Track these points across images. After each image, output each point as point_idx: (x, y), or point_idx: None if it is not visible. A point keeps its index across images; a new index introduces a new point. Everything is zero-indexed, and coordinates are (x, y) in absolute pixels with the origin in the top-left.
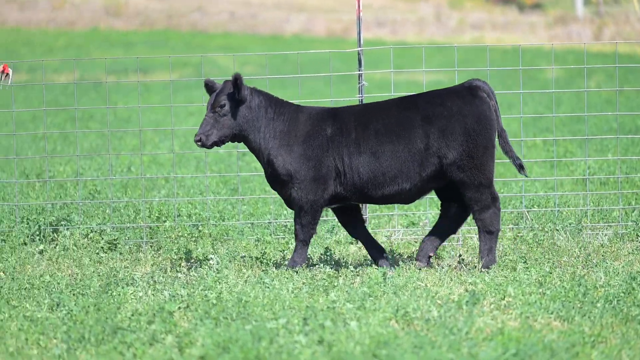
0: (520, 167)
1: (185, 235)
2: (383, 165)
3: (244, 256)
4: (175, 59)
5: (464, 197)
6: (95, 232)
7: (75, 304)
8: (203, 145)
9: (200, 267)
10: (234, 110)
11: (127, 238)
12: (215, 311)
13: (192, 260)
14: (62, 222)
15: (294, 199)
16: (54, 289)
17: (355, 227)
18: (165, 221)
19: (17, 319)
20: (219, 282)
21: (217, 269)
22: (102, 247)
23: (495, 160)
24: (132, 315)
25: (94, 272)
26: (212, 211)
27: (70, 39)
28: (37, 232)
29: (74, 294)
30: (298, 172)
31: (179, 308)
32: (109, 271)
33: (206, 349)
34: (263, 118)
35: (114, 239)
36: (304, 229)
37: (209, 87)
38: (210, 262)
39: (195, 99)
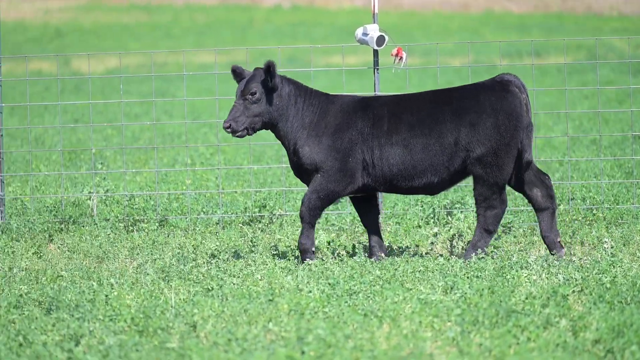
0: (527, 164)
1: (580, 218)
2: (414, 158)
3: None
4: (569, 42)
5: (475, 192)
6: None
7: (469, 287)
8: (233, 132)
9: (594, 250)
10: (264, 98)
11: (521, 221)
12: (609, 295)
13: (586, 244)
14: (457, 205)
15: (314, 182)
16: (448, 272)
17: (369, 216)
18: (559, 205)
19: (411, 301)
20: (614, 266)
21: (611, 253)
22: None
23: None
24: (526, 298)
25: (487, 254)
26: (606, 195)
27: (465, 22)
28: (432, 215)
29: (468, 277)
30: (324, 163)
31: (573, 292)
32: (503, 254)
33: (600, 332)
34: (292, 107)
35: (509, 222)
36: (311, 212)
37: (237, 73)
38: (605, 245)
39: (590, 82)
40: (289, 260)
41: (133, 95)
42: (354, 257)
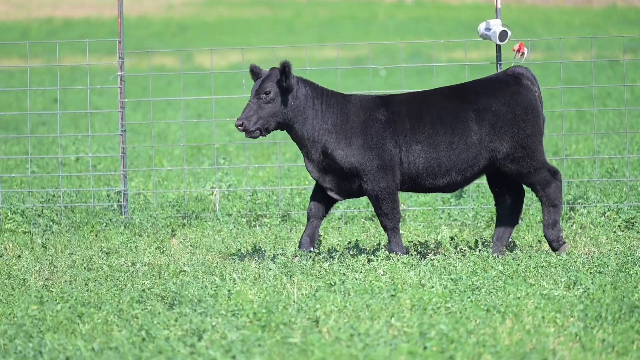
0: None
1: None
2: (440, 156)
3: None
4: None
5: (525, 184)
6: (612, 210)
7: (592, 282)
8: (245, 130)
9: None
10: (279, 98)
11: None
12: None
13: None
14: (579, 200)
15: (367, 190)
16: (571, 267)
17: (319, 212)
18: None
19: (533, 296)
20: None
21: None
22: (619, 226)
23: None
24: None
25: (610, 250)
26: None
27: (588, 17)
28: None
29: (590, 272)
30: (362, 164)
31: None
32: (626, 250)
33: None
34: (310, 109)
35: (632, 218)
36: (389, 217)
37: (254, 72)
38: None
39: None
40: (411, 255)
41: None
42: (476, 252)
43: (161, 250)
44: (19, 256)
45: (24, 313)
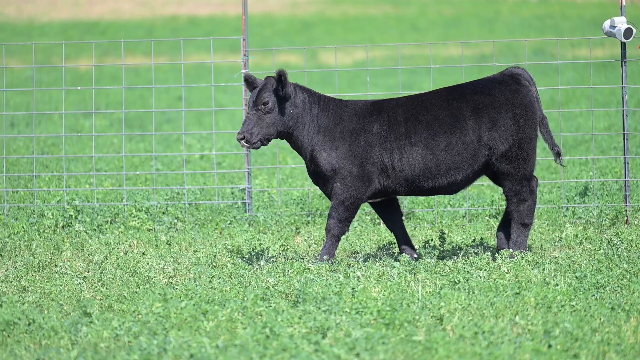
0: (558, 155)
1: None
2: (437, 157)
3: None
4: None
5: (504, 188)
6: None
7: None
8: (247, 143)
9: None
10: (277, 107)
11: None
12: None
13: None
14: None
15: (336, 193)
16: None
17: (393, 220)
18: None
19: None
20: None
21: None
22: None
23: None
24: None
25: None
26: None
27: None
28: None
29: None
30: (343, 168)
31: None
32: None
33: None
34: (308, 114)
35: None
36: (340, 225)
37: (249, 82)
38: None
39: None
40: (535, 253)
41: (380, 87)
42: (601, 250)
43: (285, 248)
44: (144, 253)
45: (149, 310)
